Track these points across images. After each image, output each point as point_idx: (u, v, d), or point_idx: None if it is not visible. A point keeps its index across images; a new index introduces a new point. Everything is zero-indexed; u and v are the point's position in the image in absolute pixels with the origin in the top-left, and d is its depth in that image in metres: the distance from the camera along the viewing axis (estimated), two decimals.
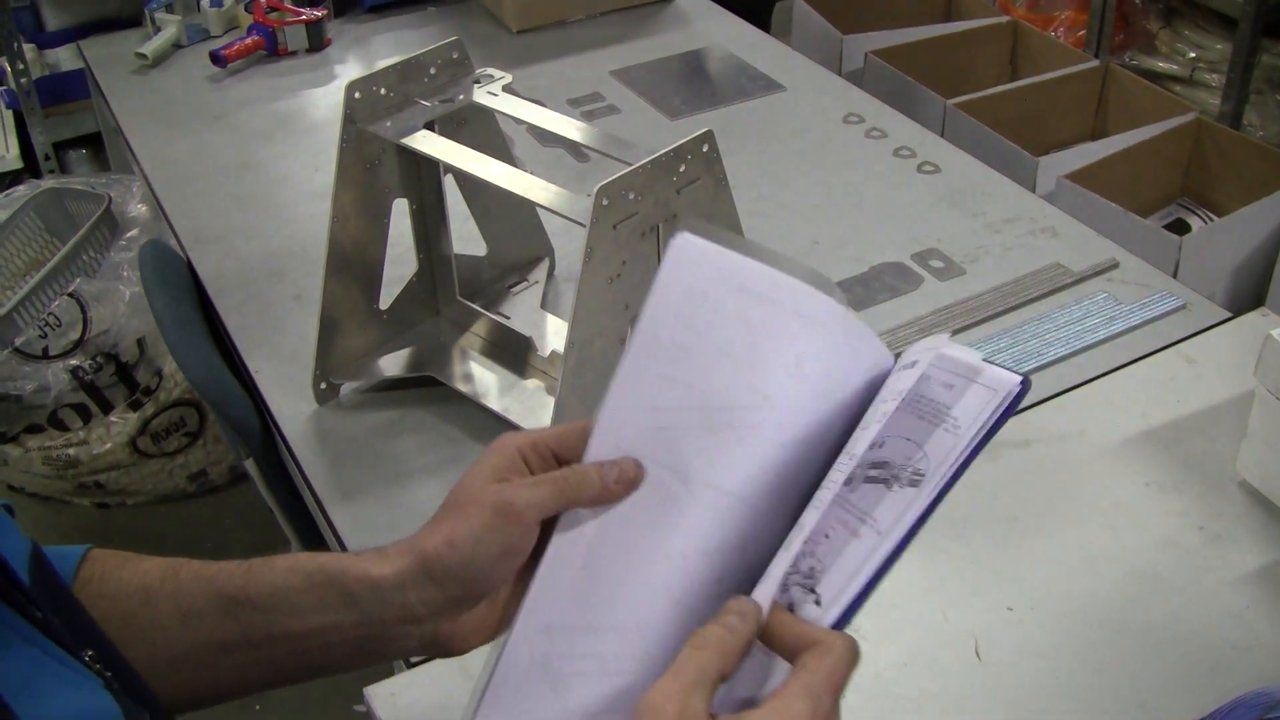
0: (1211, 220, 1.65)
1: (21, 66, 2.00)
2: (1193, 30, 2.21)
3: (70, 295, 1.59)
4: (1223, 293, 1.51)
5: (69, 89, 2.07)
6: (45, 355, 1.59)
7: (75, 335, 1.59)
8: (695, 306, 0.48)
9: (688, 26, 1.57)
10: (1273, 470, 0.77)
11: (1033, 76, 1.79)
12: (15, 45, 1.98)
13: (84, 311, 1.59)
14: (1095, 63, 1.82)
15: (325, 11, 1.55)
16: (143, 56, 1.52)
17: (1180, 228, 1.63)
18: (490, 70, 0.91)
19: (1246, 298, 1.53)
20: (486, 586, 0.49)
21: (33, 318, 1.58)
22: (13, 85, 2.02)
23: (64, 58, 2.15)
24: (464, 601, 0.49)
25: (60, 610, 0.46)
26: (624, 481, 0.48)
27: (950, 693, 0.67)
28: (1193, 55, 2.20)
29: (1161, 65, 2.23)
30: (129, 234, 1.66)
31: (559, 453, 0.51)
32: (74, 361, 1.60)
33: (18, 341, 1.57)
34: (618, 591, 0.48)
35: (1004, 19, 1.98)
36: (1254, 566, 0.74)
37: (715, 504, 0.47)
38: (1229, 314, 0.98)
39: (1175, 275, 1.22)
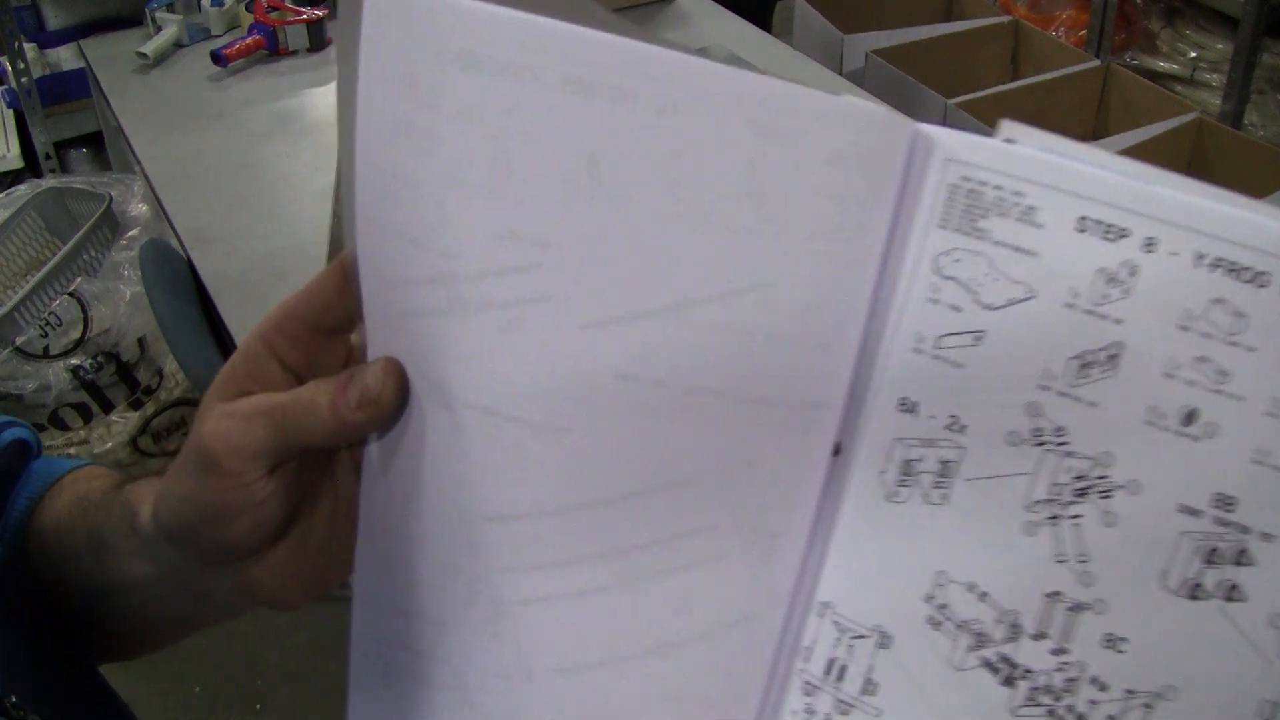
0: None
1: (22, 66, 2.00)
2: (1194, 30, 2.21)
3: (71, 294, 1.59)
4: None
5: (70, 88, 2.07)
6: (46, 354, 1.59)
7: (76, 334, 1.59)
8: (404, 102, 0.31)
9: (689, 26, 1.57)
10: None
11: (1034, 76, 1.80)
12: (16, 44, 1.99)
13: (85, 311, 1.59)
14: (1096, 62, 1.82)
15: (326, 11, 1.55)
16: (144, 56, 1.52)
17: None
18: None
19: None
20: (226, 552, 0.36)
21: (33, 317, 1.59)
22: (13, 84, 2.03)
23: (65, 57, 2.15)
24: (223, 562, 0.36)
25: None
26: (369, 405, 0.33)
27: None
28: (1194, 55, 2.20)
29: (1162, 65, 2.23)
30: (130, 233, 1.66)
31: (321, 323, 0.36)
32: (75, 361, 1.60)
33: (18, 341, 1.57)
34: (412, 569, 0.36)
35: (1005, 18, 1.98)
36: None
37: (496, 437, 0.33)
38: None
39: None
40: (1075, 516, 0.34)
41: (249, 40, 1.50)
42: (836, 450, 0.35)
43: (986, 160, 0.33)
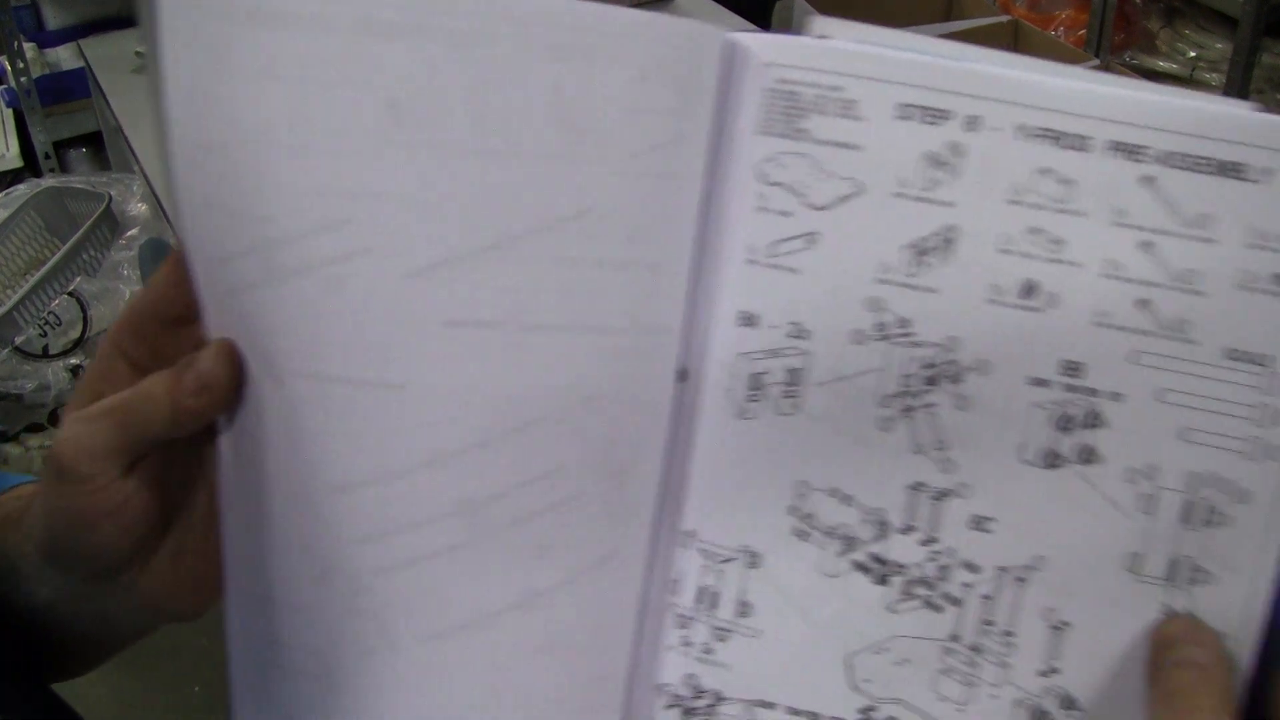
0: None
1: (22, 65, 2.00)
2: (1193, 30, 2.21)
3: (70, 294, 1.59)
4: None
5: (69, 88, 2.07)
6: (45, 354, 1.59)
7: (75, 334, 1.59)
8: (204, 69, 0.30)
9: None
10: None
11: None
12: (15, 44, 1.98)
13: (84, 310, 1.59)
14: (1096, 62, 1.82)
15: None
16: (143, 55, 1.52)
17: None
18: None
19: None
20: (99, 563, 0.34)
21: (33, 316, 1.59)
22: (13, 84, 2.02)
23: (64, 57, 2.15)
24: (102, 575, 0.35)
25: None
26: (204, 389, 0.32)
27: None
28: (1193, 55, 2.20)
29: (1162, 65, 2.23)
30: (129, 233, 1.66)
31: (165, 315, 0.34)
32: (74, 360, 1.60)
33: (18, 340, 1.57)
34: (269, 557, 0.34)
35: (1004, 18, 1.98)
36: None
37: (327, 403, 0.31)
38: None
39: None
40: (929, 405, 0.34)
41: None
42: (683, 376, 0.35)
43: (801, 59, 0.33)
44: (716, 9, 1.61)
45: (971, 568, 0.34)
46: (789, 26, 2.06)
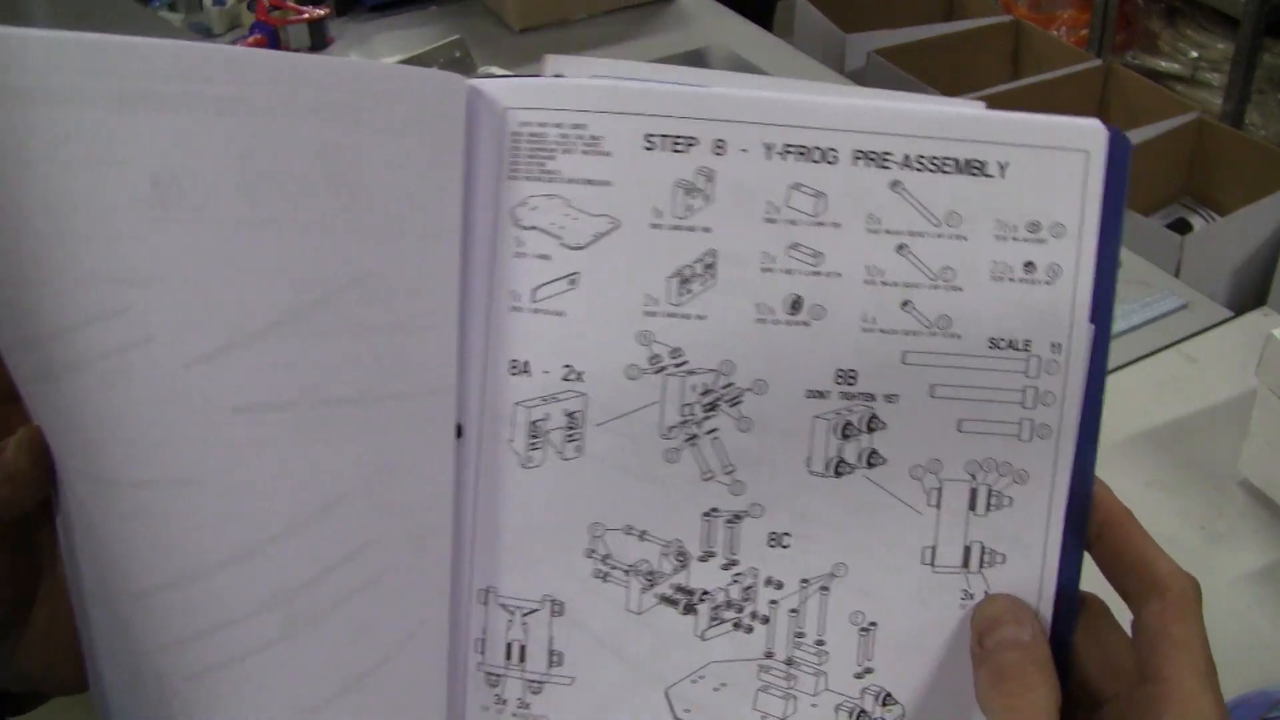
0: (1213, 220, 1.65)
1: None
2: (1194, 30, 2.21)
3: None
4: (1224, 292, 1.51)
5: None
6: None
7: None
8: None
9: (690, 25, 1.58)
10: (1274, 470, 0.77)
11: (1035, 75, 1.80)
12: None
13: None
14: (1097, 62, 1.82)
15: (328, 10, 1.55)
16: None
17: (1182, 227, 1.63)
18: (493, 69, 0.91)
19: (1248, 297, 1.53)
20: None
21: None
22: None
23: None
24: None
25: None
26: (7, 479, 0.31)
27: None
28: (1195, 55, 2.20)
29: (1163, 64, 2.23)
30: None
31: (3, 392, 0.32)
32: None
33: None
34: (94, 659, 0.33)
35: (1006, 18, 1.98)
36: (1256, 566, 0.74)
37: (117, 506, 0.29)
38: (1231, 313, 0.98)
39: (1177, 274, 1.22)
40: (711, 431, 0.34)
41: (250, 39, 1.50)
42: (460, 433, 0.34)
43: (540, 100, 0.33)
44: (717, 9, 1.61)
45: (775, 584, 0.35)
46: (789, 27, 2.06)
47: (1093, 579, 0.35)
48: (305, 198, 0.30)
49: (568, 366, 0.34)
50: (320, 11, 1.53)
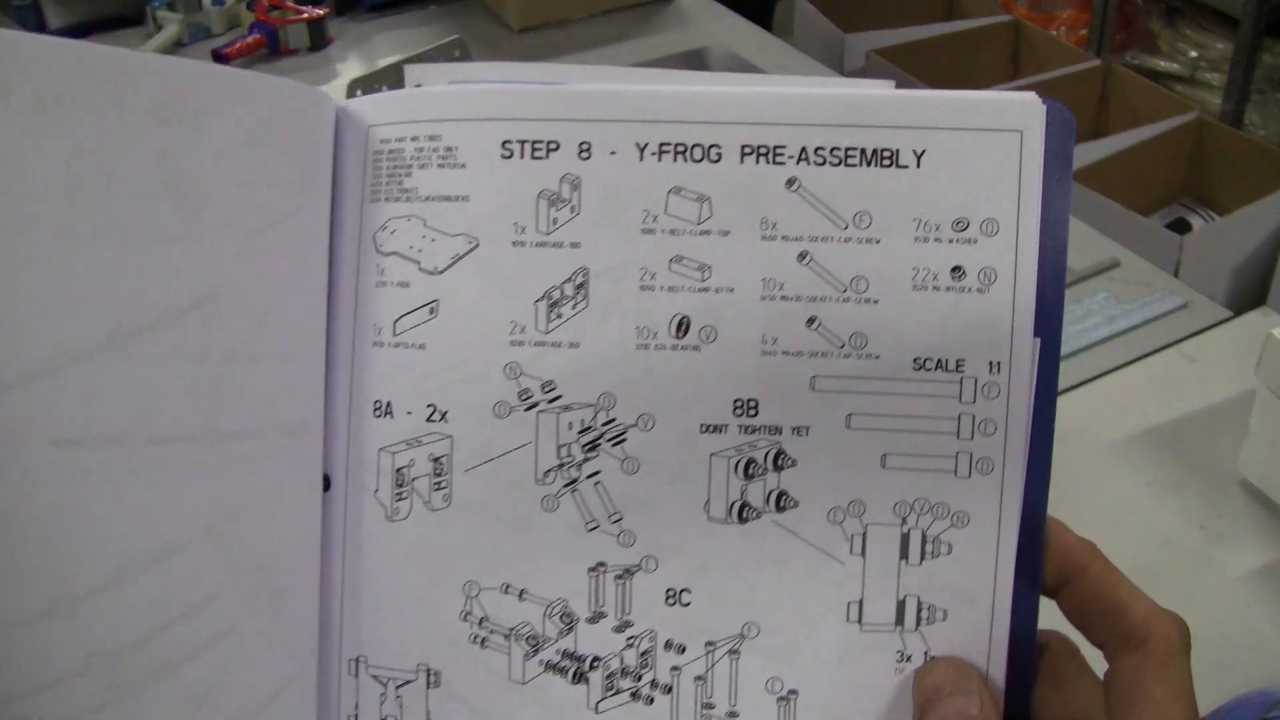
0: (1213, 219, 1.65)
1: None
2: (1194, 30, 2.21)
3: None
4: (1224, 292, 1.51)
5: None
6: None
7: None
8: None
9: (689, 25, 1.58)
10: (1274, 469, 0.77)
11: (1034, 75, 1.79)
12: None
13: None
14: (1097, 62, 1.82)
15: (327, 10, 1.55)
16: None
17: (1181, 227, 1.63)
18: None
19: (1248, 297, 1.53)
20: None
21: None
22: None
23: None
24: None
25: None
26: None
27: None
28: (1194, 54, 2.20)
29: (1163, 64, 2.23)
30: None
31: None
32: None
33: None
34: None
35: (1006, 18, 1.98)
36: (1255, 565, 0.74)
37: None
38: (1230, 313, 0.98)
39: (1176, 274, 1.22)
40: (593, 475, 0.30)
41: (250, 39, 1.50)
42: (328, 485, 0.31)
43: (397, 114, 0.30)
44: (716, 9, 1.61)
45: (677, 648, 0.31)
46: (789, 26, 2.06)
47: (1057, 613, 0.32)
48: (141, 208, 0.27)
49: (431, 406, 0.30)
50: (319, 11, 1.53)
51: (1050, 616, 0.31)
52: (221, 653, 0.29)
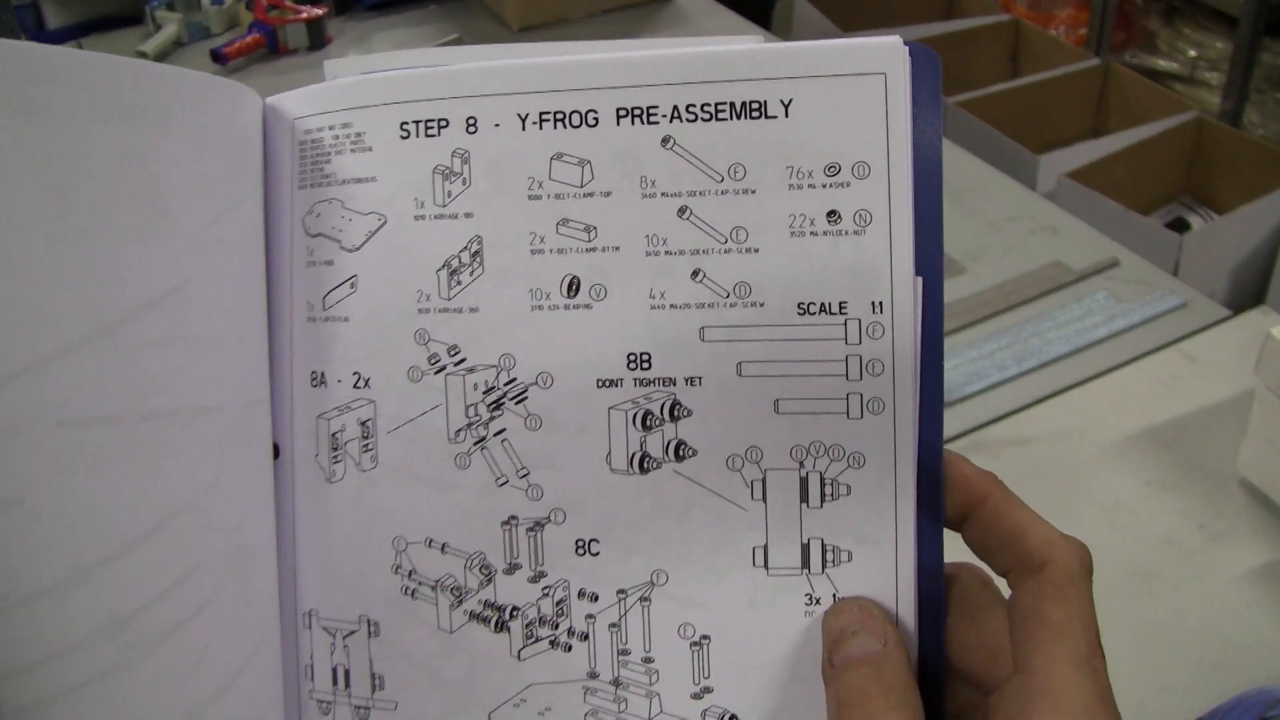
0: (1212, 218, 1.65)
1: None
2: (1193, 29, 2.21)
3: None
4: (1223, 291, 1.51)
5: None
6: None
7: None
8: None
9: (688, 25, 1.58)
10: (1273, 468, 0.77)
11: (1034, 75, 1.79)
12: None
13: None
14: (1096, 61, 1.82)
15: (326, 9, 1.55)
16: (144, 55, 1.52)
17: (1181, 226, 1.63)
18: None
19: (1247, 296, 1.53)
20: None
21: None
22: None
23: None
24: None
25: None
26: None
27: None
28: (1193, 54, 2.20)
29: (1162, 63, 2.23)
30: None
31: None
32: None
33: None
34: None
35: (1005, 17, 1.98)
36: (1255, 564, 0.74)
37: None
38: (1229, 312, 0.98)
39: (1176, 273, 1.22)
40: (499, 433, 0.32)
41: (249, 39, 1.50)
42: (277, 452, 0.33)
43: (315, 106, 0.33)
44: (716, 9, 1.61)
45: (590, 596, 0.32)
46: (788, 26, 2.06)
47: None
48: (119, 205, 0.28)
49: (356, 374, 0.32)
50: (319, 11, 1.53)
51: (960, 550, 0.32)
52: (214, 612, 0.31)
